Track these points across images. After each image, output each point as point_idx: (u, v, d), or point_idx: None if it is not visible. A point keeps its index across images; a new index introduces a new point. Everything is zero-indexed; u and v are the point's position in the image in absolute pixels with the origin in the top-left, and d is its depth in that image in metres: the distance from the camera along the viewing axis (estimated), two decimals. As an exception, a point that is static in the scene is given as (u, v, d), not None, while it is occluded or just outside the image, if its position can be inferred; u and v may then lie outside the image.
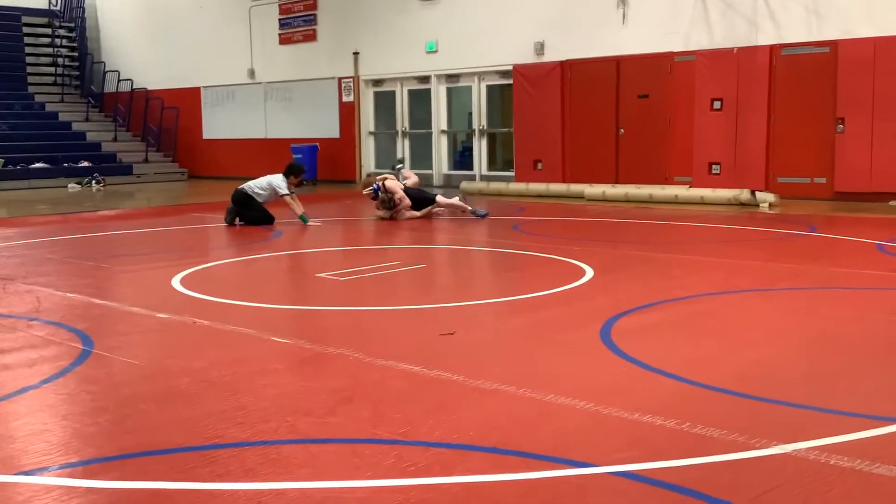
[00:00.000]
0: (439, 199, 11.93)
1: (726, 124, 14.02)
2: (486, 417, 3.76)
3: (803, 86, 13.34)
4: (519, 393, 4.06)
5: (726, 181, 13.90)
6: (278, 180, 11.36)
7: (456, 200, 12.01)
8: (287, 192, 11.29)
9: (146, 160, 22.22)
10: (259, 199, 11.34)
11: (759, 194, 12.97)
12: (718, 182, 13.99)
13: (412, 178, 12.73)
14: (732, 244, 9.43)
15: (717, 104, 14.10)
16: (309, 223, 11.07)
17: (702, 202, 13.44)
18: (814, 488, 2.96)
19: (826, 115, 13.14)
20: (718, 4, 14.09)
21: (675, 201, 13.72)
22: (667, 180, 14.68)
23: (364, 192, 12.35)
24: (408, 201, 11.71)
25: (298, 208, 11.26)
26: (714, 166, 14.20)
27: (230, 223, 11.38)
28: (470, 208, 11.89)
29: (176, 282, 7.17)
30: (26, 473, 3.25)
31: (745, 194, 13.04)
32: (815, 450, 3.26)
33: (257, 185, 11.39)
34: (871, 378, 4.29)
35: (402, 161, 15.72)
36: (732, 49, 13.88)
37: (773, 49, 13.54)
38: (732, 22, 13.94)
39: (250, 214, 11.33)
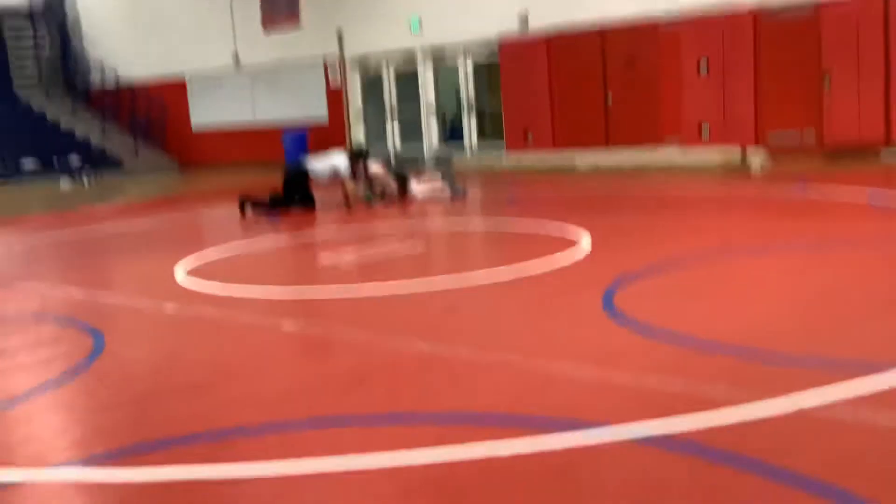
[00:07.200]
0: (414, 190, 11.76)
1: (714, 85, 14.09)
2: (496, 388, 3.85)
3: (789, 45, 13.39)
4: (527, 362, 4.15)
5: (717, 138, 13.98)
6: (342, 162, 11.27)
7: (430, 188, 11.85)
8: (349, 174, 11.24)
9: (136, 154, 22.20)
10: (316, 178, 11.26)
11: (750, 156, 13.05)
12: (709, 139, 14.09)
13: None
14: (727, 206, 9.51)
15: (703, 66, 14.16)
16: (375, 202, 11.07)
17: (693, 166, 13.52)
18: (820, 440, 3.06)
19: (812, 72, 13.20)
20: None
21: (667, 166, 13.80)
22: (657, 141, 14.72)
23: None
24: (393, 185, 11.70)
25: (359, 189, 11.27)
26: (704, 125, 14.28)
27: (269, 210, 11.14)
28: (449, 190, 11.76)
29: (180, 274, 7.23)
30: (54, 467, 3.34)
31: (736, 157, 13.13)
32: (819, 403, 3.35)
33: (319, 165, 11.26)
34: (872, 329, 4.38)
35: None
36: (716, 13, 13.91)
37: (755, 11, 13.57)
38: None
39: (297, 196, 11.15)
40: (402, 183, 11.77)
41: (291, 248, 9.17)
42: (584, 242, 7.31)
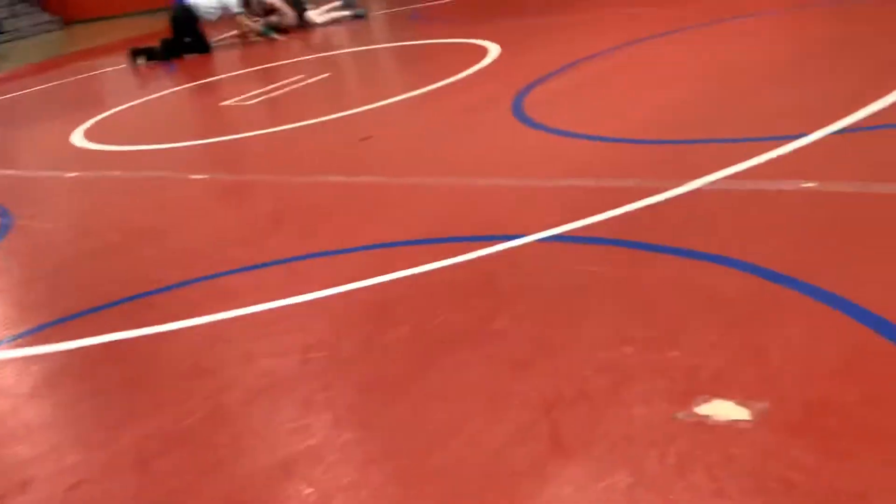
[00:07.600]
0: (312, 17, 11.26)
1: None
2: (416, 212, 3.86)
3: None
4: (444, 182, 4.15)
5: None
6: None
7: (329, 14, 11.35)
8: (241, 10, 10.70)
9: (14, 14, 20.74)
10: (208, 18, 10.70)
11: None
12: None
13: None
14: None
15: None
16: (273, 35, 10.61)
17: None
18: (725, 214, 3.16)
19: None
20: None
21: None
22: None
23: None
24: (291, 15, 11.16)
25: (255, 24, 10.75)
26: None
27: (162, 58, 10.65)
28: (348, 13, 11.30)
29: (78, 137, 6.95)
30: (-21, 352, 3.29)
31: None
32: (723, 179, 3.44)
33: (206, 2, 10.67)
34: (770, 101, 4.45)
35: None
36: None
37: None
38: None
39: (188, 39, 10.61)
40: (300, 11, 11.28)
41: (192, 95, 8.84)
42: (492, 51, 7.18)
